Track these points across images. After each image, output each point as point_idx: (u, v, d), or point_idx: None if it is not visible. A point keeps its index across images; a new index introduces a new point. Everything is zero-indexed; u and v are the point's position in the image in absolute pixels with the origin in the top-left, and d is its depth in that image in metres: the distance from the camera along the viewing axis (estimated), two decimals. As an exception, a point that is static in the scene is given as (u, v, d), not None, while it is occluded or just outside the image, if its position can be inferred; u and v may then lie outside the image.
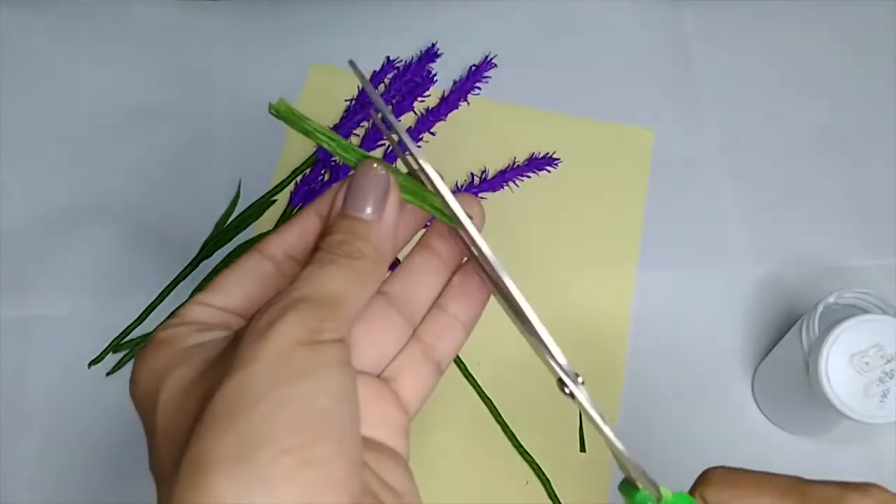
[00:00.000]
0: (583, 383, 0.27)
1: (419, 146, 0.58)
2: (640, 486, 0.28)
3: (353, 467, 0.23)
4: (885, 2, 0.63)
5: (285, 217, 0.56)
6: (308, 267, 0.26)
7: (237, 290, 0.28)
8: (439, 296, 0.31)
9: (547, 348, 0.27)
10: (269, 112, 0.29)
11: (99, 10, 0.62)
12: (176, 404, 0.24)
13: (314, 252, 0.27)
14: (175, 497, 0.22)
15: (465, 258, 0.31)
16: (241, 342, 0.24)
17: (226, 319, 0.27)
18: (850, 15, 0.62)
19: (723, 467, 0.29)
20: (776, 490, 0.28)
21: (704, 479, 0.29)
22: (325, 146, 0.28)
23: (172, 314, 0.28)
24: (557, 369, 0.27)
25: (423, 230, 0.31)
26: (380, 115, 0.28)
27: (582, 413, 0.28)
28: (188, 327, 0.26)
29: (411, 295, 0.30)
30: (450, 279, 0.31)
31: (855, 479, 0.31)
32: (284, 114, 0.28)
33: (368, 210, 0.27)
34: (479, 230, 0.28)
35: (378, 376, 0.30)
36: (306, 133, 0.28)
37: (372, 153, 0.59)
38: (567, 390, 0.27)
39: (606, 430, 0.27)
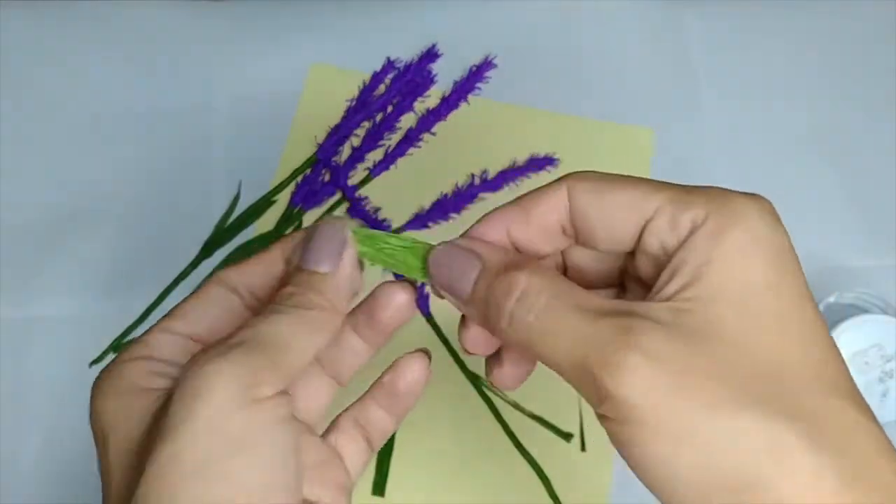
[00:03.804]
0: None
1: (419, 146, 0.58)
2: None
3: None
4: (886, 2, 0.63)
5: (286, 217, 0.56)
6: (253, 318, 0.25)
7: (202, 318, 0.27)
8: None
9: None
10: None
11: (99, 10, 0.62)
12: (122, 460, 0.24)
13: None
14: None
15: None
16: (173, 398, 0.23)
17: (190, 349, 0.26)
18: (851, 15, 0.62)
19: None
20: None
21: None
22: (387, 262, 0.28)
23: (133, 339, 0.27)
24: None
25: None
26: None
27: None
28: (144, 364, 0.26)
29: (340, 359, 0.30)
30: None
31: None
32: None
33: (324, 265, 0.27)
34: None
35: (323, 436, 0.30)
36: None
37: (372, 153, 0.59)
38: None
39: None
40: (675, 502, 0.22)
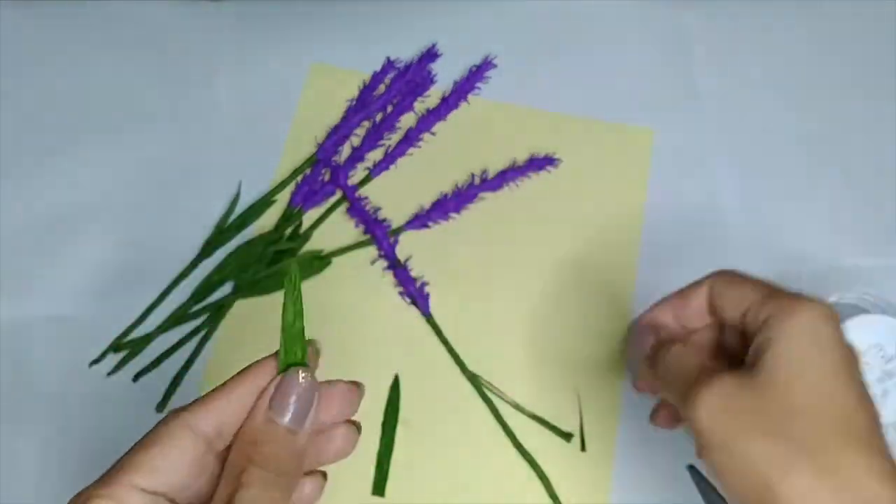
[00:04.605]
0: None
1: (419, 146, 0.58)
2: None
3: None
4: (887, 2, 0.63)
5: (286, 217, 0.56)
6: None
7: (167, 472, 0.28)
8: None
9: None
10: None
11: (99, 10, 0.62)
12: None
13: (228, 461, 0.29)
14: None
15: None
16: None
17: None
18: (851, 15, 0.62)
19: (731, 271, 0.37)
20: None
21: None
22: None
23: (96, 486, 0.28)
24: None
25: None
26: None
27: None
28: None
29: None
30: None
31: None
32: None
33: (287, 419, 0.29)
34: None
35: None
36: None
37: (372, 153, 0.59)
38: None
39: None
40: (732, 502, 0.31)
